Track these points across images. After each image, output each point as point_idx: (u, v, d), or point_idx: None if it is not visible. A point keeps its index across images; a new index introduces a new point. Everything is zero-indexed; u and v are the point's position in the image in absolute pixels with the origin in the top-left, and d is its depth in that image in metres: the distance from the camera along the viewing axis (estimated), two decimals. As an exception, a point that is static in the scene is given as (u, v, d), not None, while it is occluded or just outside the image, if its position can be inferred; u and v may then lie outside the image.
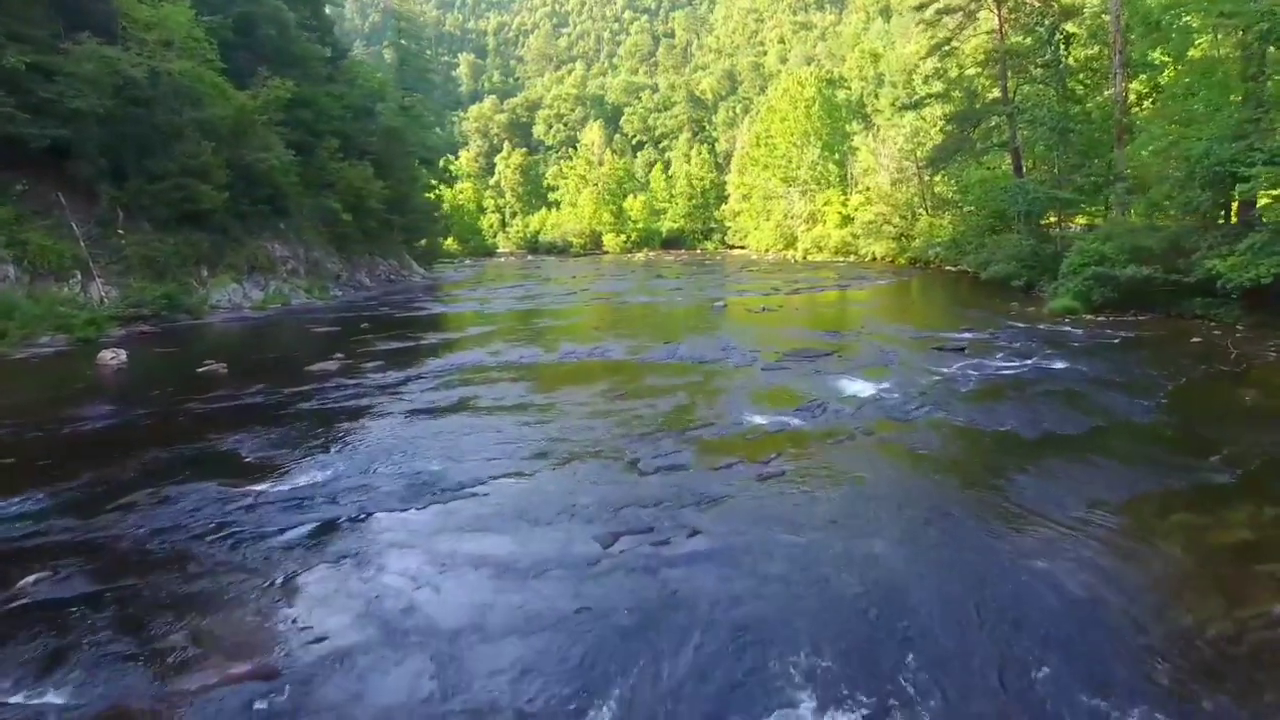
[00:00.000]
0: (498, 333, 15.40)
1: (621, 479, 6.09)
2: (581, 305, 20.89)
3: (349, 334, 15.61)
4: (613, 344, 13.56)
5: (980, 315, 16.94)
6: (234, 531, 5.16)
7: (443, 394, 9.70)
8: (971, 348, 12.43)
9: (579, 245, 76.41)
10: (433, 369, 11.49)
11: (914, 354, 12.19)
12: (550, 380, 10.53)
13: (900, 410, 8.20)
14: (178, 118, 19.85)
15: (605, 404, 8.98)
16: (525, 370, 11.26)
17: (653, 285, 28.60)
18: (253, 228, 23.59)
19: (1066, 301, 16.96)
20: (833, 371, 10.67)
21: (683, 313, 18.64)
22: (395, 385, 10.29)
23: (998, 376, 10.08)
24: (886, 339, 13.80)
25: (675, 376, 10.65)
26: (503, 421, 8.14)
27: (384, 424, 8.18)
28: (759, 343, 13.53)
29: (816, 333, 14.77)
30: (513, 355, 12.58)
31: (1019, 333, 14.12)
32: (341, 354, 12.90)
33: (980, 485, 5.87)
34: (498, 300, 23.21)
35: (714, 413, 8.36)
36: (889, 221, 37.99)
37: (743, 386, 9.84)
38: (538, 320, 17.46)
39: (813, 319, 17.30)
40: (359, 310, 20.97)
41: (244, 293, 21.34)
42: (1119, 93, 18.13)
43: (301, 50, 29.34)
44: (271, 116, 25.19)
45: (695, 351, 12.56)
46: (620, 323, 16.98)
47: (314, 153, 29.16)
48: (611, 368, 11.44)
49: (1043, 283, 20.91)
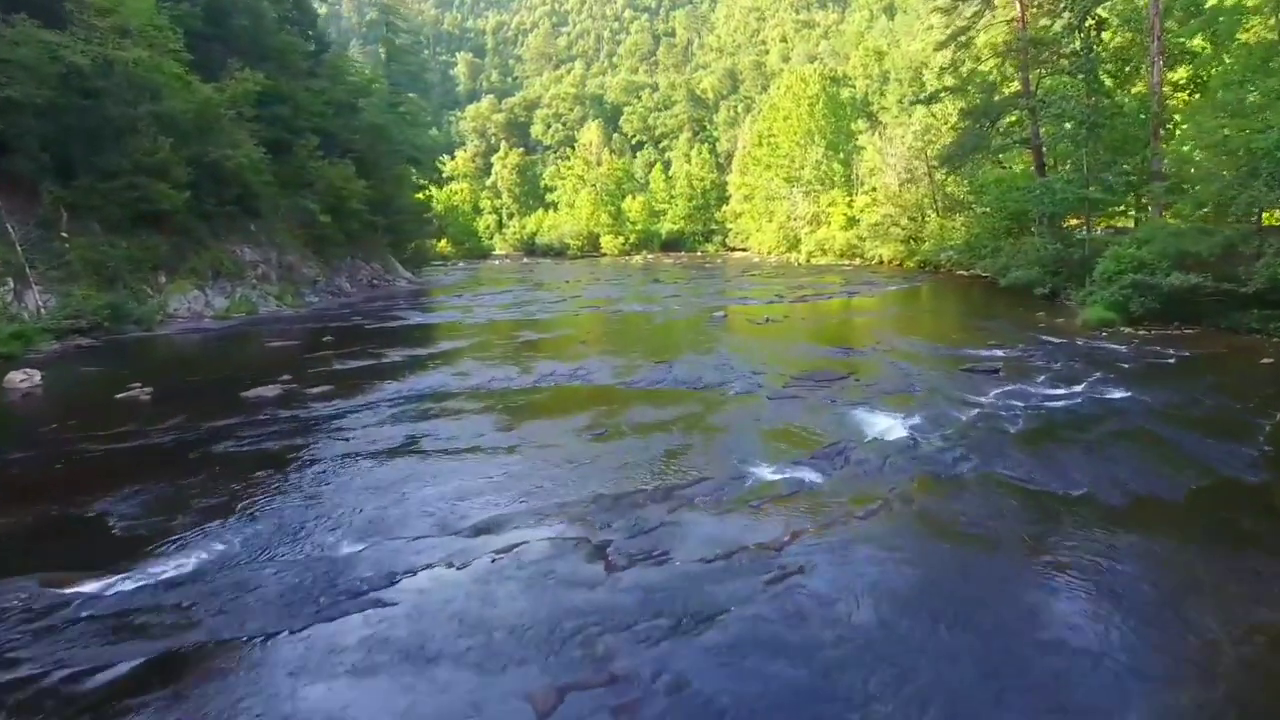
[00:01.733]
0: (472, 349, 13.83)
1: (581, 579, 4.51)
2: (570, 315, 19.32)
3: (307, 349, 14.06)
4: (598, 363, 11.99)
5: (1006, 328, 15.38)
6: (16, 674, 3.58)
7: (388, 432, 8.13)
8: (1006, 369, 10.88)
9: (576, 247, 74.72)
10: (386, 396, 9.93)
11: (941, 376, 10.63)
12: (519, 413, 8.96)
13: (940, 461, 6.62)
14: (132, 111, 18.29)
15: (579, 448, 7.41)
16: (492, 399, 9.69)
17: (649, 291, 27.02)
18: (219, 230, 22.04)
19: (1101, 312, 15.43)
20: (850, 401, 9.11)
21: (679, 324, 17.06)
22: (336, 419, 8.73)
23: (1047, 409, 8.51)
24: (906, 357, 12.23)
25: (667, 407, 9.09)
26: (448, 477, 6.57)
27: (302, 479, 6.61)
28: (764, 362, 11.97)
29: (827, 349, 13.21)
30: (482, 378, 11.02)
31: (1055, 350, 12.57)
32: (289, 375, 11.35)
33: (1072, 594, 4.26)
34: (482, 308, 21.63)
35: (710, 463, 6.79)
36: (897, 223, 36.40)
37: (746, 422, 8.28)
38: (519, 333, 15.89)
39: (821, 332, 15.72)
40: (329, 320, 19.40)
41: (206, 300, 19.78)
42: (1156, 83, 16.54)
43: (279, 43, 27.80)
44: (242, 111, 23.65)
45: (691, 373, 11.00)
46: (609, 336, 15.41)
47: (292, 151, 27.64)
48: (593, 395, 9.87)
49: (1069, 290, 19.37)
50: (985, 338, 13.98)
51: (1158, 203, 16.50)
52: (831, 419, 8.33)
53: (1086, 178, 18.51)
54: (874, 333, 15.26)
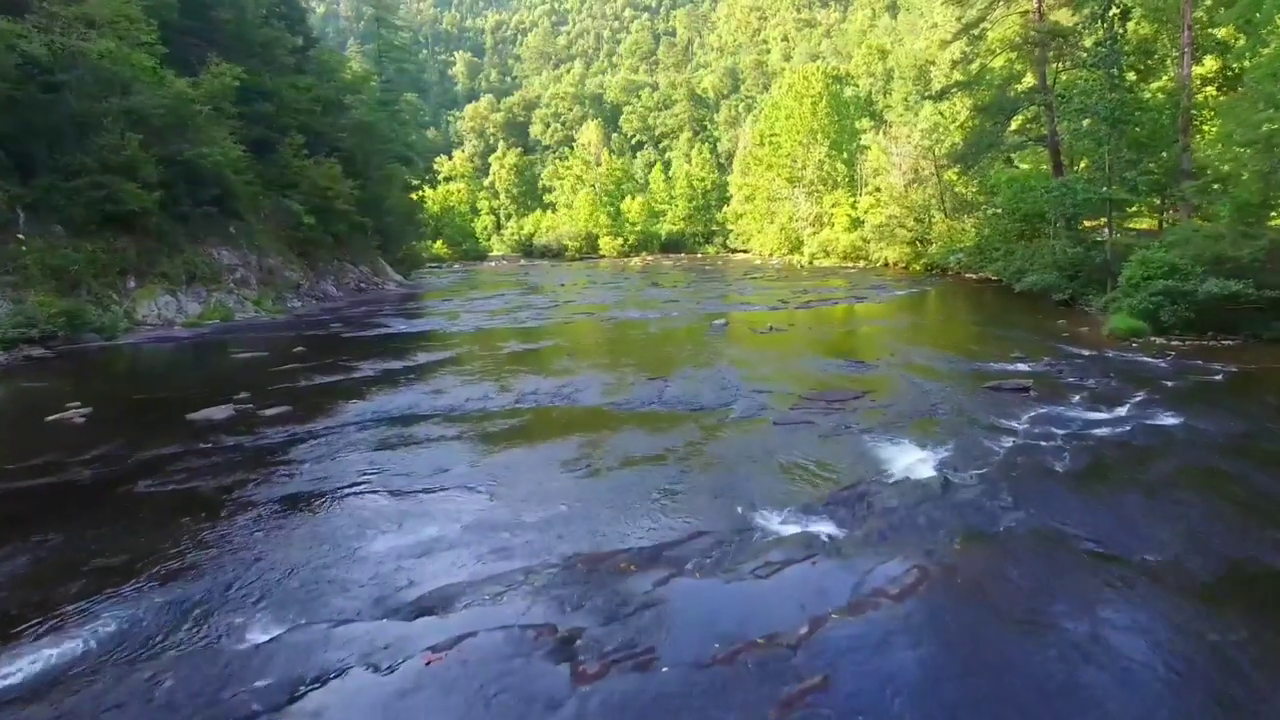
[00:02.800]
0: (451, 362, 12.79)
1: (538, 693, 3.47)
2: (562, 322, 18.27)
3: (275, 361, 13.02)
4: (587, 380, 10.95)
5: (1027, 337, 14.35)
6: None
7: (340, 466, 7.11)
8: (1036, 386, 9.84)
9: (574, 249, 73.53)
10: (348, 419, 8.89)
11: (965, 396, 9.59)
12: (492, 442, 7.92)
13: (982, 511, 5.59)
14: (98, 105, 17.26)
15: (556, 489, 6.37)
16: (465, 424, 8.65)
17: (646, 296, 25.98)
18: (196, 232, 21.00)
19: (1128, 321, 14.39)
20: (867, 427, 8.08)
21: (677, 333, 16.02)
22: (285, 449, 7.69)
23: (1093, 439, 7.47)
24: (924, 371, 11.20)
25: (660, 434, 8.05)
26: (399, 530, 5.54)
27: (230, 531, 5.58)
28: (768, 378, 10.93)
29: (837, 362, 12.16)
30: (457, 397, 9.98)
31: (1085, 364, 11.54)
32: (247, 392, 10.33)
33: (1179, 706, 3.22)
34: (469, 315, 20.59)
35: (708, 511, 5.76)
36: (903, 225, 35.33)
37: (749, 455, 7.24)
38: (505, 344, 14.85)
39: (830, 343, 14.68)
40: (307, 328, 18.37)
41: (179, 306, 18.74)
42: (1185, 76, 15.49)
43: (263, 37, 26.76)
44: (222, 108, 22.60)
45: (689, 392, 9.96)
46: (601, 348, 14.37)
47: (276, 150, 26.63)
48: (578, 419, 8.83)
49: (1089, 296, 18.33)
50: (1006, 349, 12.95)
51: (1188, 204, 15.43)
52: (847, 450, 7.30)
53: (1108, 177, 17.48)
54: (886, 343, 14.22)
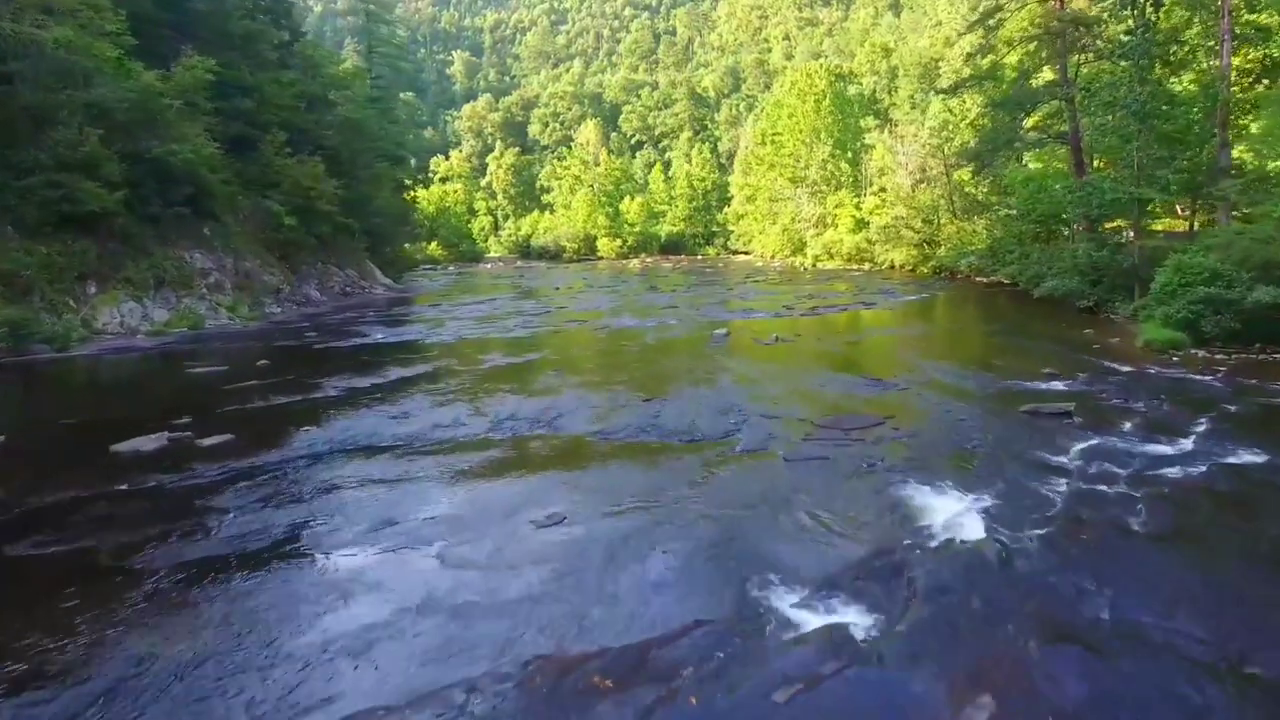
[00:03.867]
0: (426, 378, 11.61)
1: None
2: (552, 332, 17.09)
3: (232, 377, 11.84)
4: (573, 401, 9.77)
5: (1055, 350, 13.19)
6: None
7: (271, 518, 5.93)
8: (1079, 409, 8.67)
9: (572, 250, 72.22)
10: (294, 453, 7.72)
11: (1000, 422, 8.42)
12: (454, 484, 6.75)
13: (1052, 590, 4.41)
14: (54, 97, 16.10)
15: (521, 550, 5.21)
16: (426, 459, 7.48)
17: (644, 301, 24.78)
18: (166, 234, 19.82)
19: (1165, 332, 13.24)
20: (893, 465, 6.91)
21: (675, 345, 14.84)
22: (214, 492, 6.52)
23: (1164, 481, 6.31)
24: (949, 391, 10.03)
25: (651, 473, 6.88)
26: (319, 615, 4.35)
27: (116, 614, 4.40)
28: (776, 399, 9.75)
29: (851, 380, 10.99)
30: (424, 422, 8.80)
31: (1127, 381, 10.38)
32: (190, 416, 9.18)
33: None
34: (455, 322, 19.41)
35: (706, 584, 4.61)
36: (910, 226, 34.14)
37: (757, 503, 6.06)
38: (488, 356, 13.67)
39: (841, 355, 13.49)
40: (279, 337, 17.20)
41: (144, 313, 17.56)
42: (1225, 66, 14.33)
43: (244, 30, 25.58)
44: (198, 104, 21.44)
45: (686, 417, 8.79)
46: (592, 361, 13.18)
47: (256, 147, 25.47)
48: (557, 452, 7.65)
49: (1115, 303, 17.17)
50: (1035, 363, 11.79)
51: (1226, 203, 14.26)
52: (873, 497, 6.13)
53: (1137, 176, 16.30)
54: (903, 356, 13.04)
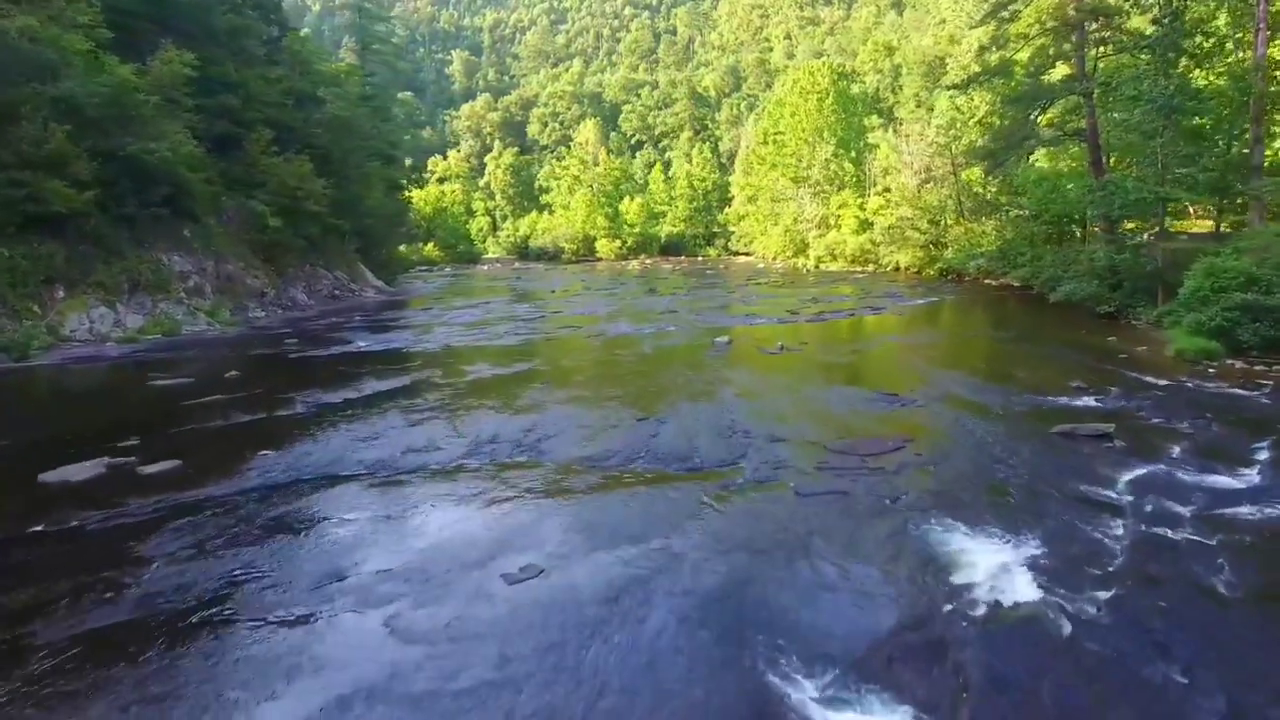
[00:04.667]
0: (404, 392, 10.74)
1: None
2: (544, 339, 16.21)
3: (196, 390, 10.98)
4: (561, 420, 8.91)
5: (1080, 360, 12.34)
6: None
7: (202, 570, 5.09)
8: (1118, 430, 7.81)
9: (571, 251, 71.25)
10: (245, 482, 6.86)
11: (1032, 446, 7.56)
12: (417, 522, 5.88)
13: (1134, 675, 3.56)
14: (18, 91, 15.26)
15: (485, 617, 4.34)
16: (391, 491, 6.62)
17: (642, 306, 23.90)
18: (143, 236, 18.97)
19: (1197, 340, 12.41)
20: (918, 499, 6.08)
21: (674, 354, 13.97)
22: (144, 535, 5.68)
23: (1238, 523, 5.53)
24: (971, 408, 9.16)
25: (643, 511, 6.02)
26: (244, 699, 3.49)
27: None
28: (784, 417, 8.89)
29: (863, 394, 10.11)
30: (395, 446, 7.94)
31: (1165, 397, 9.53)
32: (138, 437, 8.36)
33: None
34: (444, 328, 18.54)
35: (706, 665, 3.74)
36: (915, 227, 33.25)
37: (766, 551, 5.21)
38: (473, 367, 12.80)
39: (851, 366, 12.61)
40: (257, 344, 16.33)
41: (115, 319, 16.71)
42: (1260, 57, 13.46)
43: (228, 24, 24.72)
44: (178, 100, 20.60)
45: (684, 440, 7.93)
46: (585, 373, 12.31)
47: (242, 146, 24.63)
48: (538, 484, 6.78)
49: (1138, 308, 16.31)
50: (1060, 375, 10.93)
51: (1260, 203, 13.39)
52: (901, 544, 5.27)
53: (1161, 174, 15.44)
54: (918, 367, 12.17)
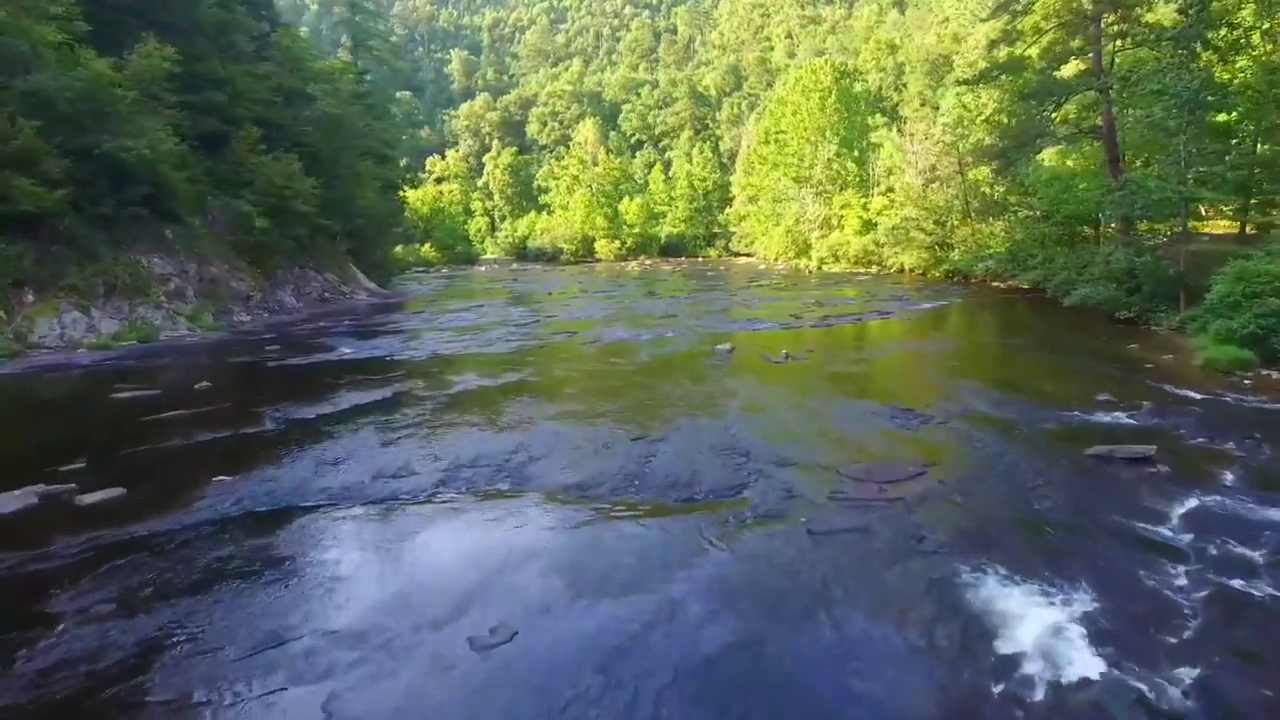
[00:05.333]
0: (382, 407, 10.00)
1: None
2: (537, 346, 15.47)
3: (161, 403, 10.24)
4: (548, 439, 8.16)
5: (1103, 370, 11.61)
6: None
7: (124, 629, 4.37)
8: (1160, 452, 7.10)
9: (570, 252, 70.44)
10: (194, 516, 6.13)
11: (1069, 472, 6.82)
12: (378, 567, 5.14)
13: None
14: (-17, 87, 14.57)
15: (455, 684, 3.62)
16: (354, 524, 5.90)
17: (640, 309, 23.16)
18: (121, 237, 18.24)
19: (1228, 349, 11.69)
20: (946, 538, 5.38)
21: (673, 363, 13.23)
22: (68, 580, 4.97)
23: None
24: (994, 425, 8.42)
25: (637, 550, 5.27)
26: None
27: None
28: (792, 436, 8.15)
29: (875, 408, 9.36)
30: (363, 471, 7.19)
31: (1202, 412, 8.81)
32: (86, 459, 7.68)
33: None
34: (434, 334, 17.81)
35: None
36: (921, 228, 32.50)
37: (778, 602, 4.49)
38: (459, 377, 12.06)
39: (861, 377, 11.86)
40: (236, 351, 15.61)
41: (89, 324, 15.98)
42: (1292, 50, 12.74)
43: (214, 19, 24.00)
44: (160, 95, 19.90)
45: (684, 464, 7.19)
46: (577, 384, 11.56)
47: (229, 144, 23.91)
48: (520, 518, 6.04)
49: (1160, 314, 15.57)
50: (1085, 387, 10.19)
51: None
52: (932, 597, 4.54)
53: (1184, 172, 14.71)
54: (932, 377, 11.44)
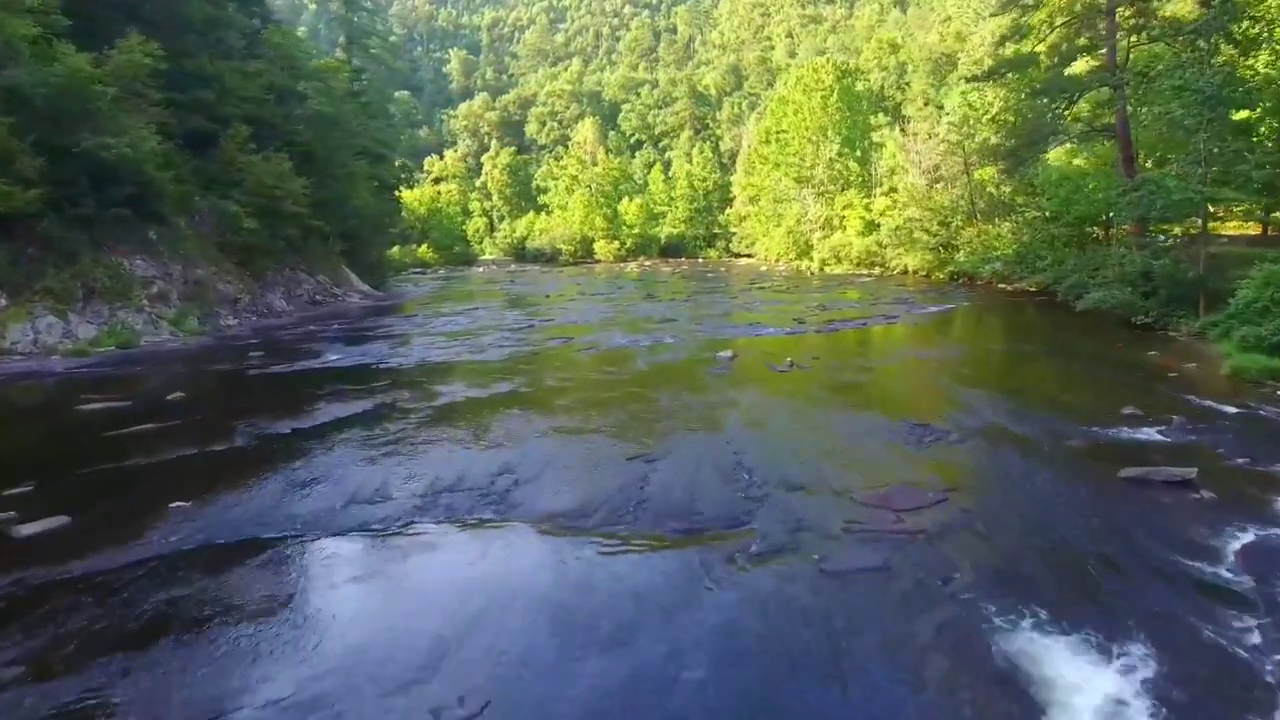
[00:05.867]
0: (361, 422, 9.39)
1: None
2: (530, 353, 14.85)
3: (126, 417, 9.64)
4: (537, 458, 7.56)
5: (1125, 379, 11.04)
6: None
7: (37, 702, 3.73)
8: (1202, 474, 6.51)
9: (569, 253, 69.79)
10: (138, 551, 5.54)
11: (1103, 499, 6.22)
12: (340, 615, 4.55)
13: None
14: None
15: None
16: (316, 562, 5.30)
17: (639, 312, 22.57)
18: (102, 239, 17.64)
19: (1256, 358, 11.19)
20: (976, 579, 4.78)
21: (671, 372, 12.63)
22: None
23: None
24: (1016, 443, 7.82)
25: (630, 595, 4.66)
26: None
27: None
28: (800, 456, 7.55)
29: (887, 423, 8.75)
30: (334, 497, 6.60)
31: (1241, 427, 8.27)
32: (34, 482, 7.21)
33: None
34: (425, 339, 17.21)
35: None
36: (925, 229, 31.91)
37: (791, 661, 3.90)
38: (447, 387, 11.46)
39: (870, 388, 11.26)
40: (218, 358, 15.02)
41: (66, 329, 15.39)
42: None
43: (203, 14, 23.40)
44: (144, 93, 19.29)
45: (683, 488, 6.59)
46: (570, 395, 10.95)
47: (217, 143, 23.32)
48: (501, 555, 5.44)
49: (1179, 319, 14.99)
50: (1109, 398, 9.60)
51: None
52: (960, 648, 3.95)
53: (1205, 172, 14.13)
54: (945, 388, 10.84)
